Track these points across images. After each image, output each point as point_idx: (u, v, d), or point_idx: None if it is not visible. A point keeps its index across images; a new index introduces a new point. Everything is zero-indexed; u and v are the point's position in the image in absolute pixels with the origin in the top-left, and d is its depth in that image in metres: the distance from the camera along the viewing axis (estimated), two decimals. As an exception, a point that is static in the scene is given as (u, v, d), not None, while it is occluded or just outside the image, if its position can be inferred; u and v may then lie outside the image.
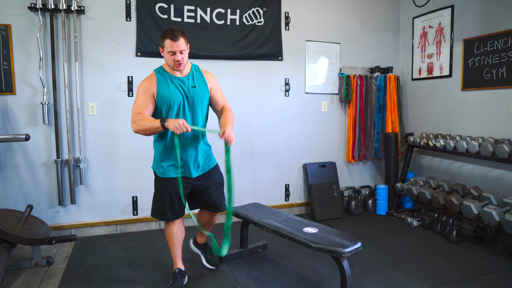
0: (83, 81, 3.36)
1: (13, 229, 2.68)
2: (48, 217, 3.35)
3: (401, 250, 3.13)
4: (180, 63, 2.22)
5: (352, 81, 4.15)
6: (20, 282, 2.60)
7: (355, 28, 4.25)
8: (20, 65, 3.20)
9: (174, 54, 2.20)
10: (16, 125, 3.22)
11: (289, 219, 2.68)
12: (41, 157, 3.31)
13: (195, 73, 2.37)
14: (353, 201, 4.10)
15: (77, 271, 2.78)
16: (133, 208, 3.58)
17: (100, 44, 3.38)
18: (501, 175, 3.33)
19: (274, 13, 3.86)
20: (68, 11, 3.22)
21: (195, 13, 3.58)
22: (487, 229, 3.19)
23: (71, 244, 3.30)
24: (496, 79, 3.34)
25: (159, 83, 2.26)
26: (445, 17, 3.84)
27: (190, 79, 2.33)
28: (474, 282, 2.58)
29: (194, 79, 2.34)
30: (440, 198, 3.40)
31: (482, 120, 3.51)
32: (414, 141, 3.96)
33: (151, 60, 3.50)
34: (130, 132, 3.49)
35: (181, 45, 2.18)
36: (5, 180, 3.24)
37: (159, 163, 2.39)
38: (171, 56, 2.21)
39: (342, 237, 2.31)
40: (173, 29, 2.20)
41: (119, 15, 3.42)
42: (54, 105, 3.26)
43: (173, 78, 2.29)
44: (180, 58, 2.20)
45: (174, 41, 2.16)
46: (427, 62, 4.08)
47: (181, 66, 2.25)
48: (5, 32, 3.13)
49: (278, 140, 4.00)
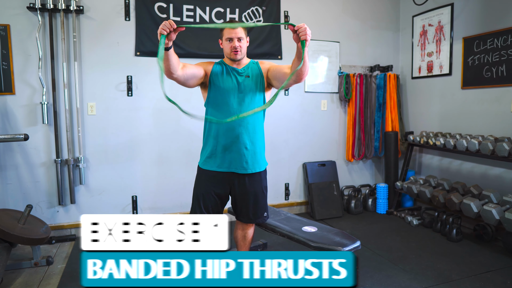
0: (82, 80, 3.36)
1: (13, 229, 2.69)
2: (48, 217, 3.35)
3: (401, 249, 3.12)
4: (237, 50, 2.10)
5: (352, 80, 4.14)
6: (20, 282, 2.61)
7: (354, 27, 4.24)
8: (19, 65, 3.20)
9: (231, 40, 2.10)
10: (16, 125, 3.22)
11: (288, 218, 2.67)
12: (40, 157, 3.31)
13: (252, 65, 2.22)
14: (353, 200, 4.10)
15: (76, 270, 2.77)
16: (133, 208, 3.58)
17: (99, 44, 3.38)
18: (501, 174, 3.33)
19: (274, 12, 3.86)
20: (67, 11, 3.22)
21: (194, 13, 3.58)
22: (487, 228, 3.19)
23: (71, 243, 3.30)
24: (496, 77, 3.33)
25: (215, 68, 2.17)
26: (444, 15, 3.83)
27: (246, 70, 2.18)
28: (474, 280, 2.57)
29: (250, 70, 2.19)
30: (440, 196, 3.39)
31: (482, 118, 3.50)
32: (414, 140, 3.95)
33: (150, 59, 3.50)
34: (129, 131, 3.51)
35: (239, 32, 2.09)
36: (5, 180, 3.24)
37: (202, 151, 2.26)
38: (228, 43, 2.11)
39: (341, 236, 2.30)
40: (232, 19, 2.12)
41: (118, 15, 3.41)
42: (54, 105, 3.26)
43: (230, 68, 2.16)
44: (237, 45, 2.10)
45: (232, 28, 2.08)
46: (427, 60, 4.07)
47: (238, 54, 2.12)
48: (4, 32, 3.13)
49: (278, 139, 3.99)
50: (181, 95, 3.30)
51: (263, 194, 2.25)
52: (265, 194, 2.27)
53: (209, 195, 2.18)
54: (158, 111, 3.58)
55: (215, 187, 2.18)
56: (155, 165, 3.62)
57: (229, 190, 2.22)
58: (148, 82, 3.52)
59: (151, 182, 3.62)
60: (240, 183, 2.18)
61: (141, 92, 3.51)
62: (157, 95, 3.56)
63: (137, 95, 3.50)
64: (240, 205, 2.24)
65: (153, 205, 3.63)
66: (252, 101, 2.13)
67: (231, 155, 2.13)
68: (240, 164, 2.13)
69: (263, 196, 2.25)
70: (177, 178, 3.68)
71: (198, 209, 2.19)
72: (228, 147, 2.12)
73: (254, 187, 2.20)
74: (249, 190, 2.19)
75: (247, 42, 2.17)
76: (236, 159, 2.13)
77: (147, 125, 3.56)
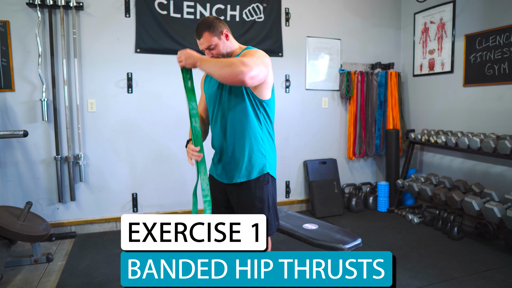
0: (82, 77, 3.34)
1: (13, 225, 2.68)
2: (48, 214, 3.35)
3: (402, 247, 3.11)
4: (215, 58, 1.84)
5: (353, 78, 4.13)
6: (20, 279, 2.60)
7: (356, 24, 4.22)
8: (19, 62, 3.19)
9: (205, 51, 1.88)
10: (16, 121, 3.21)
11: (289, 215, 2.66)
12: (40, 154, 3.30)
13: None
14: (353, 198, 4.09)
15: (76, 267, 2.77)
16: (133, 205, 3.57)
17: (99, 41, 3.36)
18: (503, 172, 3.31)
19: (274, 9, 3.84)
20: (66, 7, 3.21)
21: (194, 9, 3.56)
22: (489, 226, 3.18)
23: (71, 241, 3.30)
24: (498, 74, 3.31)
25: (204, 80, 2.01)
26: (446, 13, 3.81)
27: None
28: (476, 278, 2.56)
29: None
30: (442, 194, 3.38)
31: (484, 116, 3.48)
32: (415, 138, 3.94)
33: (151, 56, 3.49)
34: (129, 129, 3.50)
35: (204, 42, 1.82)
36: (5, 177, 3.23)
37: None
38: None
39: (342, 234, 2.29)
40: (198, 25, 1.84)
41: (118, 11, 3.40)
42: (53, 101, 3.25)
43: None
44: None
45: (198, 38, 1.84)
46: (429, 58, 4.05)
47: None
48: (3, 28, 3.12)
49: (278, 137, 3.96)
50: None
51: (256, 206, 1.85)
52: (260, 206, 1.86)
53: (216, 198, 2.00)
54: (159, 108, 3.56)
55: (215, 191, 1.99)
56: (155, 162, 3.61)
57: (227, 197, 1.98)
58: (148, 79, 3.51)
59: (151, 179, 3.61)
60: (231, 193, 1.92)
61: (141, 89, 3.50)
62: (157, 92, 3.54)
63: (137, 92, 3.49)
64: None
65: (153, 202, 3.62)
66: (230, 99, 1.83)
67: (220, 164, 1.93)
68: (225, 173, 1.90)
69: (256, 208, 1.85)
70: (177, 176, 3.67)
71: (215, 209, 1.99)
72: (217, 154, 1.95)
73: (245, 198, 1.87)
74: (240, 200, 1.88)
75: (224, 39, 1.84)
76: (221, 167, 1.92)
77: (147, 122, 3.55)
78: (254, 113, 1.83)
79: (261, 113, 1.86)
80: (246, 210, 1.85)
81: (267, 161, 1.86)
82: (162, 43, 3.49)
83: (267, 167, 1.86)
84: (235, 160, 1.85)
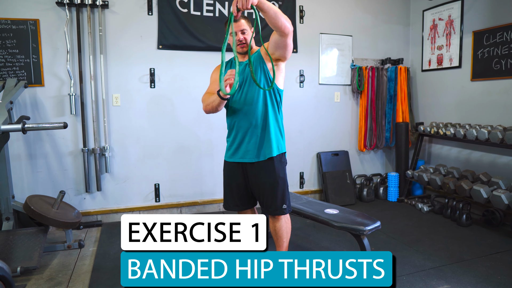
0: (107, 73, 3.49)
1: (48, 213, 2.85)
2: (75, 204, 3.50)
3: (413, 233, 3.28)
4: (242, 42, 2.13)
5: (364, 73, 4.28)
6: (57, 263, 2.77)
7: (366, 21, 4.36)
8: (48, 58, 3.34)
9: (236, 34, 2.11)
10: (45, 115, 3.37)
11: (310, 201, 2.83)
12: (68, 146, 3.46)
13: (255, 53, 2.19)
14: (365, 188, 4.25)
15: (108, 253, 2.94)
16: (155, 195, 3.73)
17: (123, 37, 3.51)
18: (509, 162, 3.47)
19: (289, 6, 3.98)
20: (93, 6, 3.36)
21: (213, 7, 3.71)
22: (496, 213, 3.34)
23: (98, 229, 3.46)
24: (505, 69, 3.46)
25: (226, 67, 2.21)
26: (455, 10, 3.95)
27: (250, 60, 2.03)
28: (485, 260, 2.73)
29: (252, 57, 2.15)
30: (451, 183, 3.54)
31: (490, 109, 3.63)
32: (424, 130, 4.09)
33: (172, 52, 3.64)
34: (152, 122, 3.65)
35: (241, 25, 2.11)
36: (35, 168, 3.39)
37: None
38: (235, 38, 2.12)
39: (362, 217, 2.46)
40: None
41: (141, 9, 3.54)
42: (81, 96, 3.41)
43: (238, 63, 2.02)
44: (241, 38, 2.13)
45: (236, 22, 2.08)
46: (437, 53, 4.20)
47: (244, 47, 2.14)
48: (34, 26, 3.27)
49: (293, 130, 4.13)
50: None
51: (278, 184, 2.15)
52: (281, 184, 2.16)
53: (232, 184, 2.27)
54: (180, 102, 3.72)
55: (232, 178, 2.25)
56: (176, 154, 3.77)
57: (245, 180, 2.23)
58: (170, 75, 3.66)
59: (172, 170, 3.77)
60: (251, 172, 2.18)
61: (163, 84, 3.65)
62: (178, 87, 3.70)
63: (159, 87, 3.64)
64: (257, 196, 2.23)
65: (174, 192, 3.79)
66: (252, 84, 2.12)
67: (241, 145, 2.18)
68: (247, 153, 2.17)
69: (278, 186, 2.15)
70: (198, 167, 3.83)
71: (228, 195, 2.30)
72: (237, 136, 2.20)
73: (267, 177, 2.14)
74: (262, 179, 2.15)
75: (251, 32, 2.15)
76: (243, 149, 2.18)
77: (169, 115, 3.70)
78: (274, 99, 2.19)
79: (276, 100, 2.20)
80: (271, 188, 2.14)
81: (283, 141, 2.25)
82: (183, 39, 3.64)
83: (283, 147, 2.23)
84: (262, 139, 2.15)
